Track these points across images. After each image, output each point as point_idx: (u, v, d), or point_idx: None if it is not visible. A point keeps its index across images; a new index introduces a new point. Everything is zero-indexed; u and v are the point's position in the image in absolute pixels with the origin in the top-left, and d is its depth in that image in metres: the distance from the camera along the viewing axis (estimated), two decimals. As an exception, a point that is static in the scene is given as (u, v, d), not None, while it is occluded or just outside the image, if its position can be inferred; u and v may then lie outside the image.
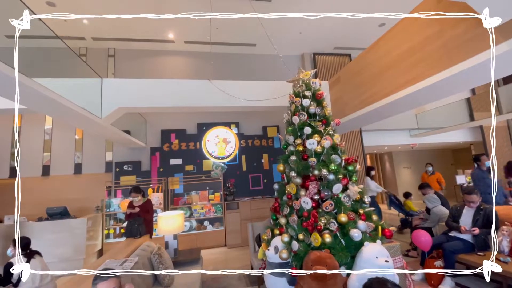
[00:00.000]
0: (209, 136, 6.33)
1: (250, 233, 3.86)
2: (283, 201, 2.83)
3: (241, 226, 5.60)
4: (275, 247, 2.38)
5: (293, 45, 7.10)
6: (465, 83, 3.02)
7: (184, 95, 4.57)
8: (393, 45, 3.53)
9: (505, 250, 2.86)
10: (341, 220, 2.21)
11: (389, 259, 1.84)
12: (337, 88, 5.11)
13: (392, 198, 5.96)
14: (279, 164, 2.99)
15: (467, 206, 3.24)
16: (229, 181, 6.09)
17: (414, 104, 3.97)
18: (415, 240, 3.25)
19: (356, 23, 6.30)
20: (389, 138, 8.11)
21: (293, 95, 3.12)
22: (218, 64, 6.90)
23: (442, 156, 11.76)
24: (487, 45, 2.31)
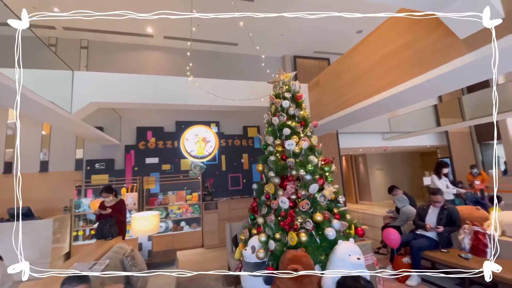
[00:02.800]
0: (187, 134, 6.20)
1: (228, 234, 3.84)
2: (261, 201, 2.85)
3: (219, 226, 5.54)
4: (252, 247, 2.39)
5: (274, 47, 7.17)
6: (433, 90, 3.24)
7: (162, 92, 4.44)
8: (369, 52, 3.69)
9: (467, 247, 3.09)
10: (316, 219, 2.27)
11: (361, 257, 1.92)
12: (316, 91, 5.24)
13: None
14: (259, 164, 3.01)
15: (432, 206, 3.47)
16: (208, 181, 6.01)
17: (388, 109, 4.18)
18: (385, 238, 3.42)
19: (335, 29, 6.50)
20: (364, 141, 8.47)
21: (273, 96, 3.16)
22: (198, 62, 6.79)
23: (411, 159, 12.49)
24: (455, 55, 2.49)
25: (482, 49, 2.24)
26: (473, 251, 3.01)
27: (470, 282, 2.88)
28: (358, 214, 8.88)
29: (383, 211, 6.60)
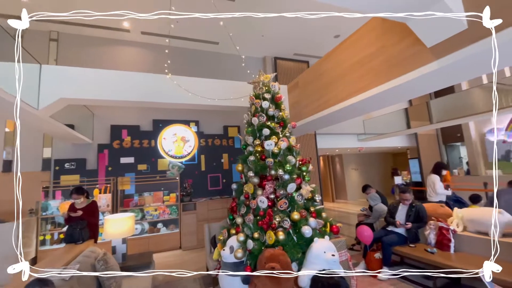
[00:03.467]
0: (165, 134, 6.04)
1: (207, 234, 3.80)
2: (241, 201, 2.86)
3: (197, 227, 5.47)
4: (231, 247, 2.39)
5: (255, 47, 7.21)
6: (404, 94, 3.44)
7: (139, 89, 4.29)
8: (345, 56, 3.83)
9: (432, 242, 3.31)
10: (294, 218, 2.32)
11: (336, 253, 1.99)
12: (295, 93, 5.34)
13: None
14: (238, 164, 3.02)
15: (402, 204, 3.68)
16: (186, 181, 5.90)
17: (363, 111, 4.37)
18: (359, 234, 3.58)
19: (314, 33, 6.68)
20: (340, 142, 8.76)
21: (253, 96, 3.18)
22: (178, 59, 6.65)
23: (384, 159, 13.13)
24: (422, 62, 2.66)
25: (447, 57, 2.41)
26: (438, 246, 3.24)
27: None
28: (334, 212, 9.17)
29: (358, 209, 6.89)
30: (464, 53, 2.26)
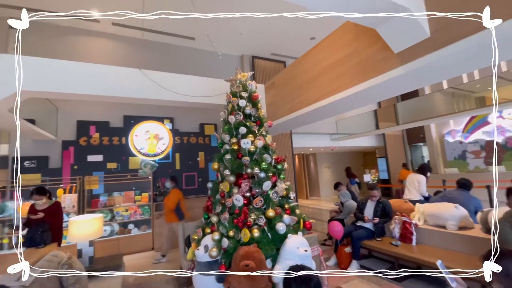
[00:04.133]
0: (137, 130, 5.78)
1: (181, 234, 3.72)
2: (216, 200, 2.84)
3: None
4: (205, 246, 2.37)
5: (233, 45, 7.16)
6: (373, 97, 3.64)
7: (109, 83, 4.06)
8: (320, 58, 3.95)
9: (397, 235, 3.55)
10: (269, 215, 2.36)
11: (308, 249, 2.07)
12: (272, 92, 5.40)
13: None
14: (214, 162, 2.99)
15: (370, 200, 3.90)
16: (159, 181, 5.72)
17: (335, 112, 4.54)
18: (330, 230, 3.73)
19: (291, 34, 6.79)
20: (314, 141, 9.03)
21: (230, 94, 3.17)
22: (152, 54, 6.41)
23: (355, 158, 13.77)
24: (390, 66, 2.82)
25: (412, 63, 2.59)
26: (402, 239, 3.47)
27: (398, 266, 3.32)
28: (308, 209, 9.44)
29: (331, 206, 7.16)
30: (426, 59, 2.44)
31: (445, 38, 2.28)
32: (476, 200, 3.53)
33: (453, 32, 2.21)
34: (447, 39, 2.26)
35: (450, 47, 2.25)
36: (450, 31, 2.23)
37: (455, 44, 2.19)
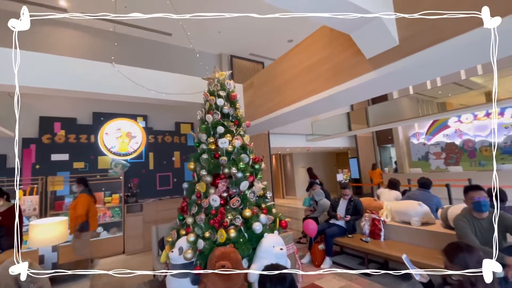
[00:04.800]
0: (108, 128, 5.49)
1: (154, 237, 3.60)
2: (192, 200, 2.79)
3: (144, 229, 5.12)
4: (180, 248, 2.32)
5: (211, 43, 7.06)
6: (346, 100, 3.79)
7: (76, 76, 3.81)
8: (297, 61, 4.04)
9: (366, 232, 3.73)
10: (245, 215, 2.37)
11: (284, 247, 2.10)
12: (250, 92, 5.42)
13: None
14: (190, 162, 2.93)
15: (342, 198, 4.06)
16: (131, 181, 5.47)
17: (310, 114, 4.66)
18: (305, 228, 3.83)
19: (269, 35, 6.85)
20: (291, 141, 9.22)
21: (208, 93, 3.12)
22: (125, 48, 6.11)
23: (329, 158, 14.26)
24: (362, 71, 2.95)
25: (382, 69, 2.74)
26: (371, 235, 3.66)
27: (368, 261, 3.50)
28: (284, 208, 9.61)
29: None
30: (395, 66, 2.59)
31: (412, 46, 2.44)
32: (436, 198, 3.82)
33: (419, 41, 2.37)
34: (414, 48, 2.42)
35: (416, 55, 2.41)
36: (417, 40, 2.39)
37: (421, 52, 2.36)
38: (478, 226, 2.28)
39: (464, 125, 8.85)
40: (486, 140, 8.24)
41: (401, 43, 2.53)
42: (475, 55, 2.31)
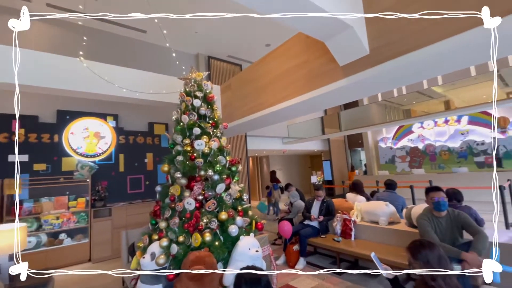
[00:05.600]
0: (74, 128, 5.13)
1: (124, 243, 3.43)
2: (165, 204, 2.70)
3: (112, 235, 4.85)
4: (152, 254, 2.23)
5: (188, 43, 6.93)
6: (320, 105, 3.92)
7: (39, 71, 3.53)
8: (274, 65, 4.11)
9: (338, 232, 3.87)
10: (221, 218, 2.34)
11: (259, 249, 2.11)
12: (228, 94, 5.40)
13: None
14: (164, 164, 2.84)
15: (316, 200, 4.18)
16: (100, 184, 5.16)
17: (287, 117, 4.76)
18: (280, 229, 3.88)
19: (247, 38, 6.89)
20: (267, 144, 9.31)
21: (184, 93, 3.06)
22: (95, 43, 5.78)
23: (303, 161, 14.62)
24: (335, 77, 3.08)
25: (353, 76, 2.88)
26: (343, 235, 3.81)
27: (339, 260, 3.63)
28: (260, 211, 9.64)
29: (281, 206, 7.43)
30: (365, 74, 2.75)
31: (381, 56, 2.60)
32: (402, 198, 4.08)
33: (388, 51, 2.54)
34: (383, 57, 2.59)
35: (384, 64, 2.57)
36: (386, 51, 2.55)
37: (389, 62, 2.52)
38: (438, 224, 2.47)
39: (426, 130, 9.56)
40: (445, 145, 8.98)
41: (371, 52, 2.68)
42: (437, 66, 2.53)
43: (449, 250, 2.20)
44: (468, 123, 8.49)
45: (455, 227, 2.42)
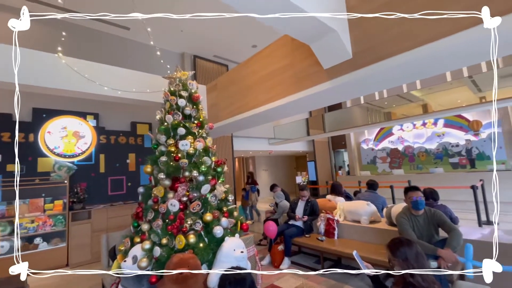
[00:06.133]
0: (51, 126, 4.89)
1: (104, 246, 3.31)
2: (148, 206, 2.63)
3: (92, 239, 4.67)
4: (134, 257, 2.17)
5: (173, 41, 6.81)
6: (305, 106, 3.98)
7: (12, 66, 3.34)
8: (260, 66, 4.13)
9: (322, 231, 3.94)
10: (206, 219, 2.32)
11: (244, 250, 2.11)
12: (214, 94, 5.36)
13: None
14: (147, 165, 2.78)
15: (300, 200, 4.24)
16: (78, 185, 4.95)
17: (273, 118, 4.80)
18: (265, 230, 3.90)
19: (233, 39, 6.88)
20: (254, 145, 9.34)
21: (168, 92, 3.01)
22: (75, 39, 5.56)
23: (289, 161, 14.78)
24: (320, 80, 3.14)
25: (337, 79, 2.95)
26: (326, 234, 3.88)
27: (323, 259, 3.70)
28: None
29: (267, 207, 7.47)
30: (348, 77, 2.82)
31: (363, 60, 2.68)
32: (382, 198, 4.22)
33: (370, 55, 2.62)
34: (365, 61, 2.67)
35: (367, 68, 2.66)
36: (368, 55, 2.63)
37: (371, 66, 2.61)
38: (416, 222, 2.58)
39: (405, 133, 9.95)
40: (422, 147, 9.38)
41: (354, 56, 2.76)
42: (416, 71, 2.65)
43: (426, 247, 2.30)
44: (444, 126, 8.92)
45: (431, 225, 2.53)
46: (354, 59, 2.76)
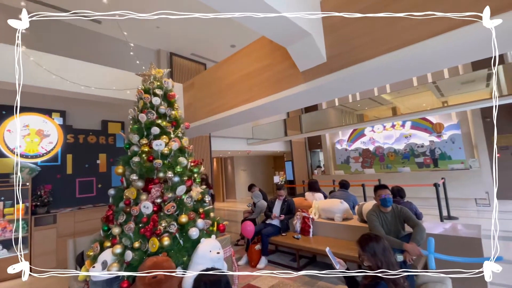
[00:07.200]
0: (11, 124, 4.51)
1: (71, 252, 3.12)
2: (119, 208, 2.52)
3: (58, 245, 4.37)
4: (103, 262, 2.07)
5: (148, 37, 6.58)
6: (282, 107, 4.05)
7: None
8: (238, 66, 4.12)
9: (298, 229, 4.03)
10: (181, 221, 2.27)
11: (221, 251, 2.10)
12: (191, 93, 5.26)
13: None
14: (118, 166, 2.66)
15: (277, 199, 4.30)
16: (42, 188, 4.61)
17: (251, 118, 4.81)
18: (243, 230, 3.91)
19: (212, 38, 6.80)
20: (232, 145, 9.30)
21: (142, 90, 2.90)
22: (40, 31, 5.17)
23: (267, 161, 14.91)
24: (296, 82, 3.21)
25: (312, 82, 3.04)
26: (302, 232, 3.97)
27: (299, 256, 3.78)
28: (223, 212, 9.57)
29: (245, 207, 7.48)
30: (322, 80, 2.92)
31: (336, 64, 2.79)
32: (353, 196, 4.41)
33: (343, 60, 2.73)
34: (338, 65, 2.77)
35: (340, 71, 2.76)
36: (341, 59, 2.74)
37: (344, 70, 2.72)
38: (384, 218, 2.73)
39: (376, 134, 10.48)
40: (392, 147, 9.93)
41: (328, 60, 2.86)
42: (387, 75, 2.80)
43: (393, 241, 2.45)
44: (411, 128, 9.53)
45: (398, 221, 2.69)
46: (328, 63, 2.86)
